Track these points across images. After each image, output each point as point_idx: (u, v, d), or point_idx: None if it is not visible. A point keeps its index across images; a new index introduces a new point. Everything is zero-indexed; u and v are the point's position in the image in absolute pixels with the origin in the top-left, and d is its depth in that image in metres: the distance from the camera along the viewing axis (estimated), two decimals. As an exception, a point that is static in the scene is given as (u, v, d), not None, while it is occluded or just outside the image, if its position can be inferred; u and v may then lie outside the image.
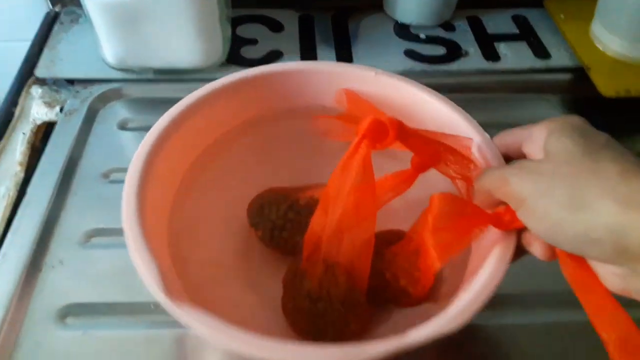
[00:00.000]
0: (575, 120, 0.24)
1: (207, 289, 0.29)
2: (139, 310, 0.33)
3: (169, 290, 0.23)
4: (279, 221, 0.32)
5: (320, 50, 0.50)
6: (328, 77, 0.34)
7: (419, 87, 0.33)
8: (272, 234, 0.32)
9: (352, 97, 0.33)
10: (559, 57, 0.50)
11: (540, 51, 0.51)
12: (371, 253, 0.29)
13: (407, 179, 0.30)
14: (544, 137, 0.24)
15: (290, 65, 0.35)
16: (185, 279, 0.27)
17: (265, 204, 0.33)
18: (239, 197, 0.34)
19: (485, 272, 0.25)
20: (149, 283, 0.24)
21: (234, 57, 0.49)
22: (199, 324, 0.23)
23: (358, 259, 0.29)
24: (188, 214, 0.32)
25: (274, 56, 0.49)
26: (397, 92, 0.33)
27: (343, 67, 0.34)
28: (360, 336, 0.29)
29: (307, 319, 0.29)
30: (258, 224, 0.33)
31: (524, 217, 0.23)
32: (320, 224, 0.29)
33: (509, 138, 0.28)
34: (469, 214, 0.26)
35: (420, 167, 0.30)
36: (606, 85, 0.46)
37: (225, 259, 0.33)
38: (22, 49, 0.49)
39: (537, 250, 0.25)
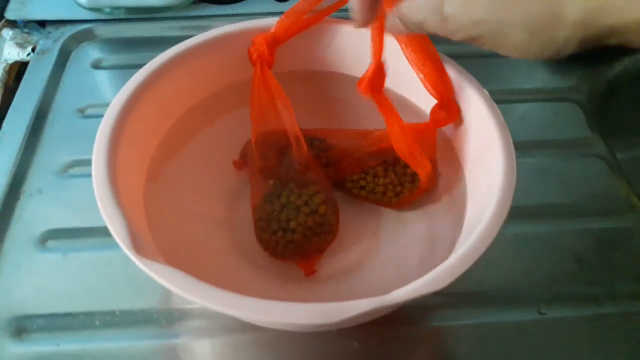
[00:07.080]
0: None
1: (188, 243, 0.29)
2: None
3: (136, 246, 0.23)
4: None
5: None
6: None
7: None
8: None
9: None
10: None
11: None
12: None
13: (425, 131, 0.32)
14: None
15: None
16: (164, 234, 0.27)
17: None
18: (225, 150, 0.34)
19: (475, 235, 0.24)
20: (118, 239, 0.24)
21: (206, -3, 0.49)
22: (167, 281, 0.22)
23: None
24: (169, 171, 0.32)
25: (245, -5, 0.50)
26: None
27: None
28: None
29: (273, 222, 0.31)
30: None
31: None
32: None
33: None
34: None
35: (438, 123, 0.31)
36: None
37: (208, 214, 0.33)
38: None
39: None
